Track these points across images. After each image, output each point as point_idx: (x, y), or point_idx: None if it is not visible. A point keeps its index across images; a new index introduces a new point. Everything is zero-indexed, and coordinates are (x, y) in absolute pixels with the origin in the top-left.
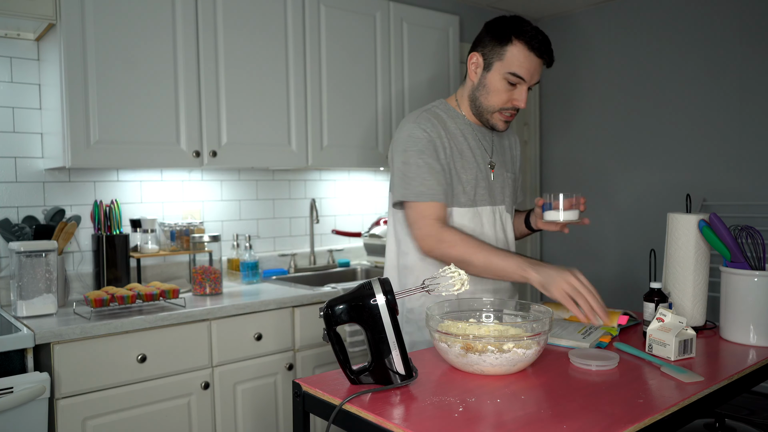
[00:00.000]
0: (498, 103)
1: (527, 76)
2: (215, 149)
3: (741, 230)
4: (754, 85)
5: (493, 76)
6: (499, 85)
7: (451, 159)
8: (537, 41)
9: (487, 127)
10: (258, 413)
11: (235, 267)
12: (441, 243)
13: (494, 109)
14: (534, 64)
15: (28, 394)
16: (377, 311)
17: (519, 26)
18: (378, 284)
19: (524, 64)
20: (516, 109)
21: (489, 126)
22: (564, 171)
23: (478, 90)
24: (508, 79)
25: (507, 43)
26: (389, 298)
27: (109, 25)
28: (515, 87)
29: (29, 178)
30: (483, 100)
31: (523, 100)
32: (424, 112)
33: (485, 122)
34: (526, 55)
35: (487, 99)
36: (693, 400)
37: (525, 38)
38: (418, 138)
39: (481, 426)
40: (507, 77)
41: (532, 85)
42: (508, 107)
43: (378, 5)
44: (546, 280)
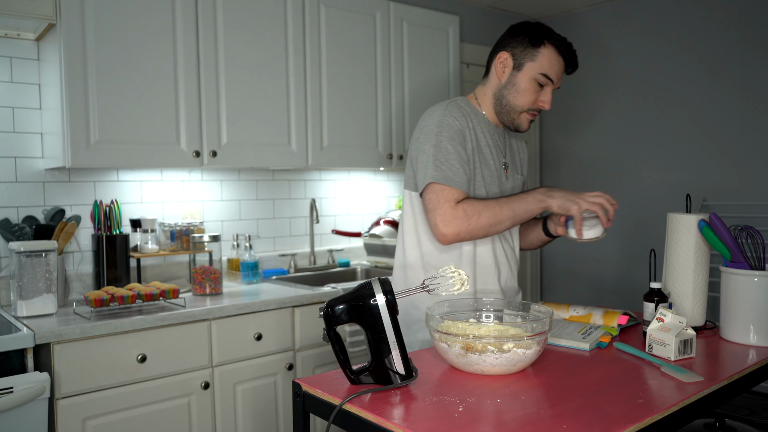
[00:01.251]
0: (526, 103)
1: (556, 79)
2: (215, 149)
3: (741, 230)
4: (755, 85)
5: (523, 75)
6: (529, 86)
7: (473, 153)
8: (566, 46)
9: (510, 127)
10: (258, 413)
11: (235, 267)
12: (469, 218)
13: (522, 108)
14: (561, 68)
15: (28, 394)
16: (377, 311)
17: (549, 31)
18: (378, 284)
19: (555, 67)
20: (539, 111)
21: (513, 126)
22: (564, 170)
23: (507, 89)
24: (538, 80)
25: (540, 45)
26: (389, 298)
27: (109, 25)
28: (543, 88)
29: (29, 178)
30: (511, 99)
31: (548, 101)
32: (452, 103)
33: (509, 122)
34: (556, 59)
35: (515, 98)
36: (693, 400)
37: (556, 42)
38: (450, 125)
39: (481, 426)
40: (537, 78)
41: (555, 89)
42: (534, 108)
43: (378, 5)
44: (563, 202)
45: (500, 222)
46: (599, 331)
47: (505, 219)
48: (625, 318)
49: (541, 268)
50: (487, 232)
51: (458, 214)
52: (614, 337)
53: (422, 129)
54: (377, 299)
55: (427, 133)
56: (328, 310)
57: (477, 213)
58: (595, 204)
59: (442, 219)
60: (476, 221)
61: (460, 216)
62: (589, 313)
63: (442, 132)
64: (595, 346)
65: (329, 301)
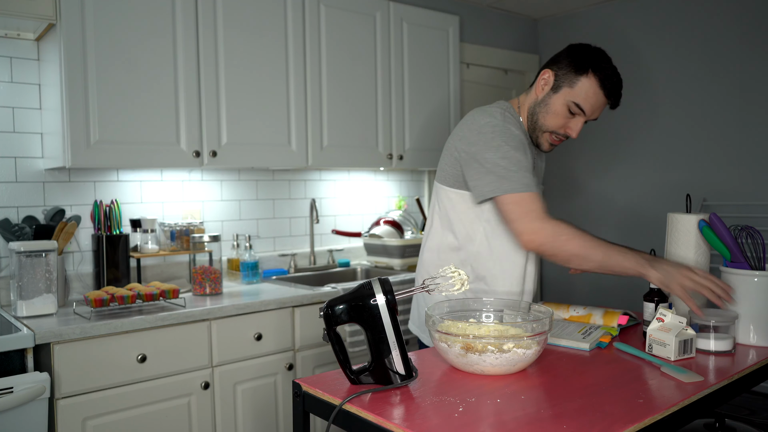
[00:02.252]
0: (553, 126)
1: (589, 111)
2: (215, 149)
3: (741, 230)
4: (754, 85)
5: (557, 98)
6: (560, 110)
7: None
8: (611, 82)
9: (533, 142)
10: (258, 413)
11: (235, 267)
12: (558, 236)
13: (548, 129)
14: (599, 102)
15: (28, 394)
16: (377, 311)
17: (599, 61)
18: (378, 284)
19: (590, 99)
20: (566, 137)
21: (535, 143)
22: (564, 170)
23: (539, 106)
24: (570, 108)
25: (582, 74)
26: (389, 298)
27: (109, 25)
28: (574, 117)
29: (29, 178)
30: (540, 117)
31: (577, 131)
32: (506, 112)
33: (534, 138)
34: (595, 91)
35: (545, 118)
36: (693, 400)
37: (601, 75)
38: (513, 134)
39: (481, 426)
40: (570, 105)
41: (591, 119)
42: (561, 133)
43: (378, 5)
44: (665, 277)
45: (587, 259)
46: (599, 331)
47: (595, 259)
48: (625, 318)
49: (541, 268)
50: (568, 259)
51: (547, 227)
52: (614, 337)
53: (479, 133)
54: (377, 299)
55: (488, 140)
56: (328, 310)
57: (569, 237)
58: (703, 287)
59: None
60: (563, 244)
61: (549, 230)
62: (589, 313)
63: (509, 142)
64: (595, 346)
65: (329, 301)
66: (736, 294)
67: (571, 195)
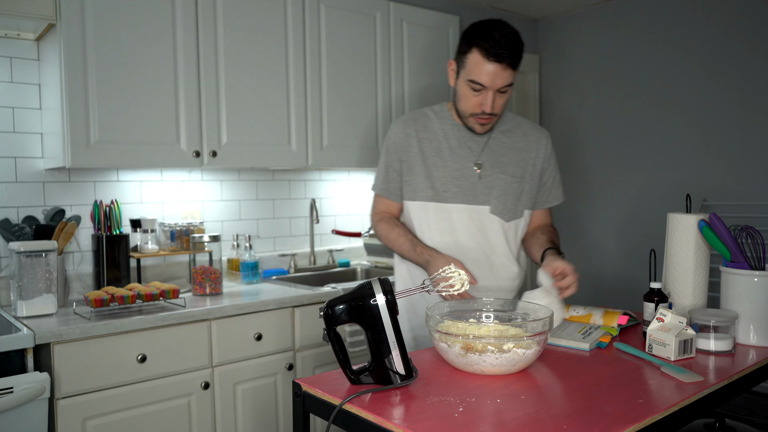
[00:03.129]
0: (468, 109)
1: (488, 83)
2: (215, 149)
3: (741, 230)
4: (754, 85)
5: (460, 83)
6: (465, 92)
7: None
8: (495, 48)
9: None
10: (258, 413)
11: (235, 267)
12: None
13: (467, 114)
14: (493, 70)
15: (28, 394)
16: (377, 311)
17: (482, 32)
18: (378, 284)
19: (482, 71)
20: (492, 114)
21: (469, 128)
22: (564, 171)
23: (455, 96)
24: (472, 86)
25: (467, 51)
26: (389, 298)
27: (109, 25)
28: (479, 93)
29: (29, 178)
30: (458, 105)
31: (488, 104)
32: (412, 112)
33: (466, 126)
34: (483, 63)
35: (459, 104)
36: (693, 400)
37: (484, 45)
38: (390, 137)
39: (481, 426)
40: (469, 84)
41: (502, 88)
42: (478, 112)
43: (378, 5)
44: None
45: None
46: (599, 331)
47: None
48: (625, 318)
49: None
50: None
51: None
52: (614, 337)
53: None
54: (377, 299)
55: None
56: (328, 310)
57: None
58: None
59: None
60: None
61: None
62: (589, 313)
63: (384, 144)
64: (595, 346)
65: (329, 301)
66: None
67: (572, 195)
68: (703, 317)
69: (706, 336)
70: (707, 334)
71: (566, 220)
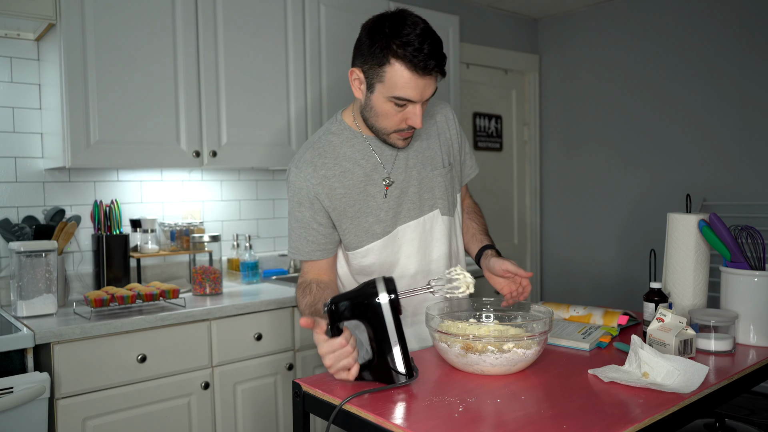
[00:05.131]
0: (390, 126)
1: (416, 97)
2: (215, 149)
3: (741, 230)
4: (754, 85)
5: (377, 98)
6: (386, 108)
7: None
8: (422, 57)
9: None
10: (258, 413)
11: (235, 267)
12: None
13: (388, 131)
14: (420, 83)
15: (28, 394)
16: (380, 310)
17: (398, 35)
18: (382, 283)
19: (409, 86)
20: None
21: (389, 145)
22: (564, 171)
23: (366, 110)
24: (395, 102)
25: (385, 63)
26: (393, 297)
27: (109, 25)
28: (405, 107)
29: (29, 178)
30: (374, 122)
31: (417, 119)
32: (309, 150)
33: (383, 141)
34: (409, 77)
35: (377, 121)
36: (693, 400)
37: (406, 56)
38: (298, 188)
39: (481, 426)
40: (393, 101)
41: (427, 99)
42: (404, 128)
43: (378, 5)
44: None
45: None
46: (599, 331)
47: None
48: (625, 318)
49: (541, 268)
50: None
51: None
52: (614, 337)
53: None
54: (380, 298)
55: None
56: (332, 306)
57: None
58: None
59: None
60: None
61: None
62: (589, 313)
63: (292, 197)
64: (595, 346)
65: (333, 298)
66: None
67: (572, 195)
68: (703, 317)
69: (707, 336)
70: (707, 334)
71: (566, 220)
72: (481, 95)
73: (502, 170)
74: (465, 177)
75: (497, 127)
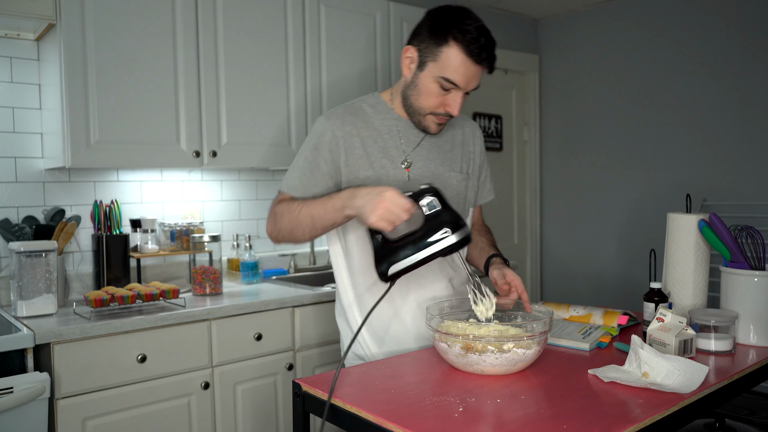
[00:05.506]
0: (430, 106)
1: (462, 83)
2: (215, 149)
3: (741, 230)
4: (754, 85)
5: (425, 76)
6: (432, 88)
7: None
8: (477, 45)
9: (418, 128)
10: (258, 413)
11: (235, 267)
12: (275, 219)
13: (426, 111)
14: (470, 71)
15: (28, 394)
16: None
17: (460, 23)
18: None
19: (460, 70)
20: (449, 115)
21: (420, 127)
22: (564, 171)
23: (410, 88)
24: (442, 84)
25: (443, 44)
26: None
27: (109, 25)
28: (449, 92)
29: (29, 178)
30: (414, 100)
31: (456, 106)
32: (342, 107)
33: (416, 123)
34: (462, 61)
35: (418, 100)
36: (693, 400)
37: (464, 41)
38: (321, 133)
39: (481, 426)
40: (440, 81)
41: (470, 91)
42: (441, 112)
43: (378, 5)
44: (360, 212)
45: (300, 226)
46: (599, 331)
47: (304, 224)
48: (625, 318)
49: (541, 268)
50: (293, 236)
51: (271, 212)
52: (614, 337)
53: None
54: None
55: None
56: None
57: (281, 213)
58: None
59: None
60: (280, 222)
61: (271, 214)
62: (589, 313)
63: (310, 140)
64: (595, 346)
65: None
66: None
67: (572, 195)
68: (703, 317)
69: (707, 336)
70: (707, 334)
71: (566, 220)
72: (481, 95)
73: (502, 170)
74: (480, 199)
75: (497, 127)
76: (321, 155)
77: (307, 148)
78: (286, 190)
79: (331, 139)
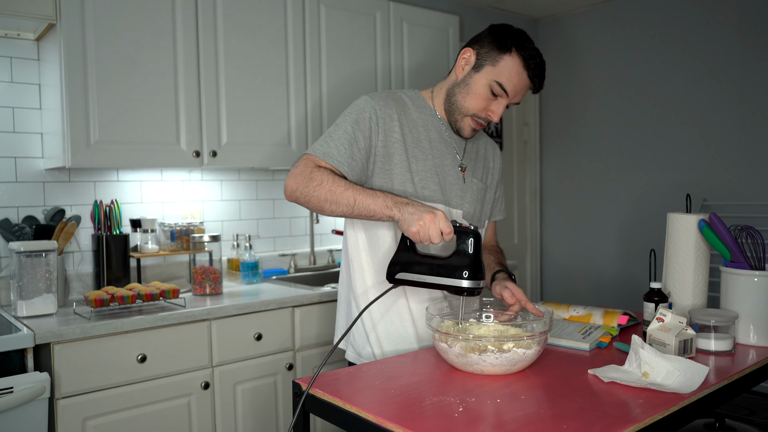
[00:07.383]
0: (474, 108)
1: (512, 92)
2: (215, 149)
3: (741, 230)
4: (754, 85)
5: (479, 78)
6: (482, 90)
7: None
8: (535, 62)
9: (452, 127)
10: (258, 413)
11: (235, 267)
12: (309, 182)
13: (468, 112)
14: (522, 83)
15: (28, 394)
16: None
17: (523, 40)
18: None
19: (514, 79)
20: (487, 121)
21: (455, 128)
22: (564, 171)
23: (459, 86)
24: (493, 88)
25: (506, 52)
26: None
27: (109, 25)
28: (496, 98)
29: (29, 178)
30: (460, 98)
31: (498, 114)
32: (384, 92)
33: (453, 122)
34: (518, 71)
35: (464, 99)
36: (693, 400)
37: (525, 54)
38: (363, 110)
39: (481, 426)
40: (492, 85)
41: (513, 103)
42: (482, 117)
43: (378, 5)
44: (404, 218)
45: (336, 203)
46: (599, 331)
47: (343, 202)
48: (625, 318)
49: (541, 268)
50: (321, 205)
51: (305, 172)
52: (614, 337)
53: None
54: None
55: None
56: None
57: (320, 181)
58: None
59: (291, 173)
60: (314, 189)
61: (306, 174)
62: (589, 313)
63: (351, 114)
64: (595, 346)
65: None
66: (736, 294)
67: (572, 195)
68: (703, 317)
69: (707, 336)
70: (707, 334)
71: (566, 220)
72: None
73: (502, 170)
74: (493, 216)
75: (497, 127)
76: (361, 130)
77: (347, 121)
78: (321, 156)
79: (372, 117)
